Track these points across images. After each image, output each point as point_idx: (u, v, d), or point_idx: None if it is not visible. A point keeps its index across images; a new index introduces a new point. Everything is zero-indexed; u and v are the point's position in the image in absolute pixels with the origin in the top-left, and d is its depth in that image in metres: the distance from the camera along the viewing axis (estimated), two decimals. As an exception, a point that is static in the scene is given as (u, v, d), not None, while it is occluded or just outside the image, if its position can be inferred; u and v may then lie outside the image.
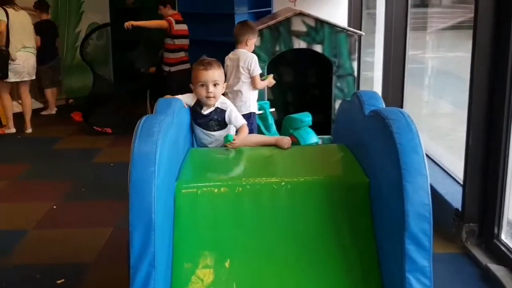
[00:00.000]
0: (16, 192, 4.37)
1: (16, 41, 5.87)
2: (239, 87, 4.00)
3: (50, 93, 7.04)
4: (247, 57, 4.02)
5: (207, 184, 1.98)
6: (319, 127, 4.44)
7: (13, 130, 6.06)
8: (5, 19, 5.78)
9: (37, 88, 7.17)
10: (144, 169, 1.63)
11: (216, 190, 1.96)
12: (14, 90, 6.37)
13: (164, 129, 1.79)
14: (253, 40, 4.12)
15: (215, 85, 2.43)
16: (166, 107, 2.09)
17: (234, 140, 2.33)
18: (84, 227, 3.68)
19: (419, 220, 1.61)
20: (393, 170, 1.67)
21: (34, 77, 6.23)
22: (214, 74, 2.43)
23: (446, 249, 3.16)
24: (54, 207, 4.00)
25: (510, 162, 3.00)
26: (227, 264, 1.85)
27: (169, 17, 5.62)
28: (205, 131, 2.50)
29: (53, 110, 7.08)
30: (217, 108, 2.48)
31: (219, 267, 1.86)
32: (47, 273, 3.03)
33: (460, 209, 3.20)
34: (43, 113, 7.00)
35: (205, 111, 2.48)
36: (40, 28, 6.74)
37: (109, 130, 5.93)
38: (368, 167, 1.99)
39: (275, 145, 2.39)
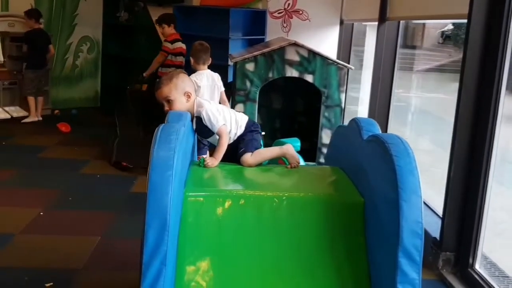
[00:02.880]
0: (1, 197, 4.37)
1: None
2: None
3: (32, 100, 7.02)
4: (218, 76, 4.43)
5: (213, 194, 2.10)
6: (304, 154, 4.58)
7: None
8: None
9: (21, 96, 7.21)
10: (163, 172, 1.75)
11: (220, 200, 2.07)
12: None
13: (180, 138, 1.91)
14: None
15: (168, 101, 2.52)
16: (177, 118, 2.21)
17: (206, 162, 2.35)
18: (72, 234, 3.72)
19: (412, 236, 1.75)
20: (390, 190, 1.81)
21: None
22: (162, 93, 2.52)
23: (423, 275, 3.29)
24: (41, 213, 4.03)
25: (487, 198, 3.19)
26: (227, 268, 1.96)
27: (164, 46, 5.69)
28: (203, 140, 2.63)
29: (35, 118, 7.05)
30: (197, 117, 2.54)
31: (220, 273, 1.96)
32: (35, 276, 3.06)
33: (438, 239, 3.37)
34: (24, 121, 6.98)
35: (194, 126, 2.56)
36: (27, 37, 6.81)
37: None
38: (363, 188, 2.13)
39: (283, 156, 2.53)
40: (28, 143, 6.14)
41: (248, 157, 2.49)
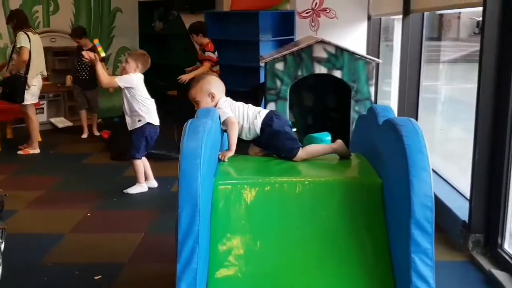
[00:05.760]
0: (51, 201, 4.67)
1: (34, 67, 5.92)
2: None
3: (82, 114, 7.26)
4: None
5: (240, 182, 2.28)
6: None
7: (37, 150, 6.22)
8: (29, 46, 5.77)
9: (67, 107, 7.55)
10: (192, 160, 1.94)
11: (247, 187, 2.25)
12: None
13: (207, 130, 2.10)
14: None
15: (196, 102, 2.72)
16: (206, 115, 2.41)
17: (220, 157, 2.48)
18: (118, 232, 3.98)
19: (423, 209, 1.89)
20: (401, 168, 1.95)
21: None
22: (190, 95, 2.75)
23: (454, 257, 3.41)
24: (88, 214, 4.31)
25: (512, 179, 3.26)
26: (257, 248, 2.14)
27: (208, 56, 5.91)
28: None
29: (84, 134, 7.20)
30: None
31: (250, 251, 2.14)
32: (85, 270, 3.31)
33: (467, 221, 3.45)
34: (84, 136, 7.10)
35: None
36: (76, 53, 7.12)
37: None
38: (381, 170, 2.27)
39: (335, 152, 2.58)
40: (73, 151, 6.47)
41: (301, 153, 2.56)
